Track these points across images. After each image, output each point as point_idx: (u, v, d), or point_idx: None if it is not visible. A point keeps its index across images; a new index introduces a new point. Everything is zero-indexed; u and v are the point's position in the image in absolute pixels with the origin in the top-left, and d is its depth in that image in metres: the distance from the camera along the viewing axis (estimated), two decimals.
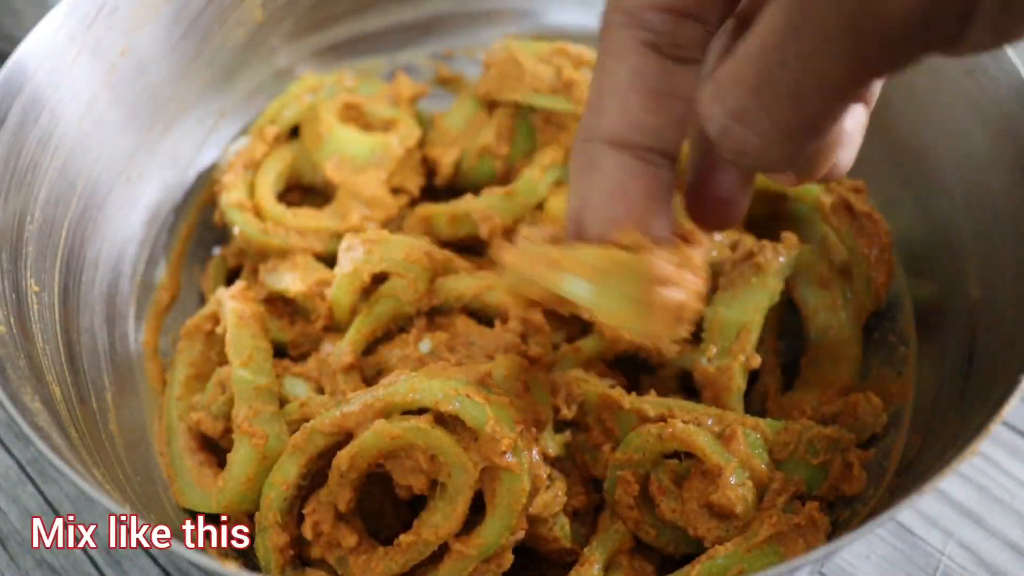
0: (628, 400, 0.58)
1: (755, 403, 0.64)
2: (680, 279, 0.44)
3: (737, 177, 0.51)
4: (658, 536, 0.57)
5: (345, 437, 0.55)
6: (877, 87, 0.49)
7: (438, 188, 0.76)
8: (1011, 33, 0.37)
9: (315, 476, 0.57)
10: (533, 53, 0.72)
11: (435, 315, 0.64)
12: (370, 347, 0.64)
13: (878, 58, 0.38)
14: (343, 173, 0.71)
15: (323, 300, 0.64)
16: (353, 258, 0.63)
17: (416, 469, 0.55)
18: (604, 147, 0.45)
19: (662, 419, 0.57)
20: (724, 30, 0.48)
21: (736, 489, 0.54)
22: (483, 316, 0.65)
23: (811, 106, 0.39)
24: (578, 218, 0.47)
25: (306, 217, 0.71)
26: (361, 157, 0.72)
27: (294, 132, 0.76)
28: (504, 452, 0.52)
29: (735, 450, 0.55)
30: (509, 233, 0.67)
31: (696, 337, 0.62)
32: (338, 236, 0.69)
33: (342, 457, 0.54)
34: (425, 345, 0.62)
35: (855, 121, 0.49)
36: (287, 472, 0.55)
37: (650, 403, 0.58)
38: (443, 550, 0.55)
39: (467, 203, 0.69)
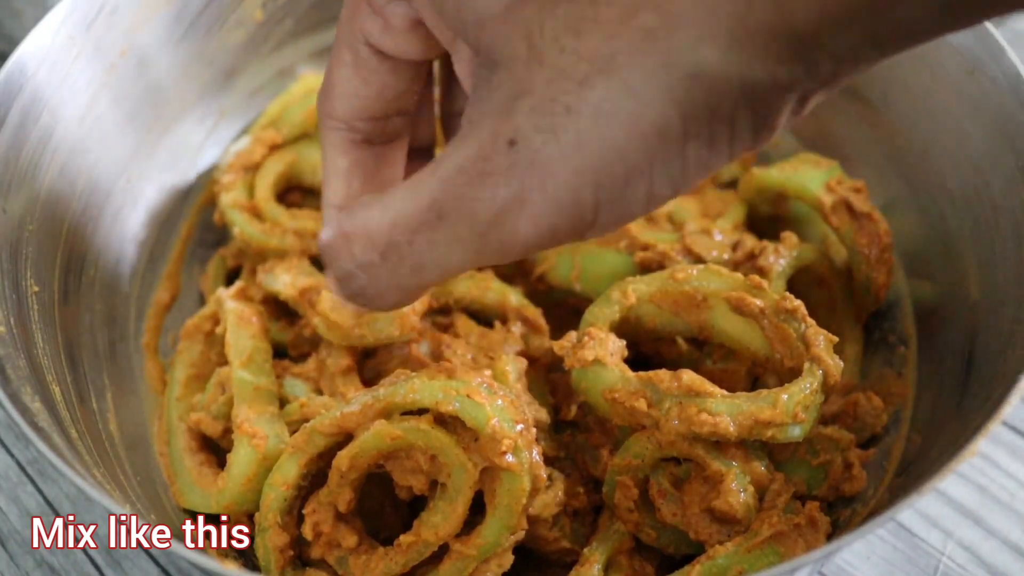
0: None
1: None
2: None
3: None
4: (658, 537, 0.57)
5: (345, 438, 0.55)
6: None
7: None
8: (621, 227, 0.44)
9: (315, 476, 0.57)
10: None
11: (435, 316, 0.64)
12: (369, 349, 0.64)
13: (496, 260, 0.44)
14: None
15: (313, 307, 0.64)
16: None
17: (416, 469, 0.55)
18: (334, 212, 0.53)
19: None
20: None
21: (738, 495, 0.54)
22: (483, 316, 0.65)
23: (428, 276, 0.45)
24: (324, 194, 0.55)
25: (305, 219, 0.71)
26: None
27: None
28: (504, 452, 0.52)
29: (734, 453, 0.55)
30: None
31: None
32: None
33: (342, 457, 0.54)
34: (425, 345, 0.62)
35: None
36: (287, 473, 0.55)
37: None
38: (443, 550, 0.55)
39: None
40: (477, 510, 0.54)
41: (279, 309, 0.69)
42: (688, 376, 0.55)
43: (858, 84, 0.71)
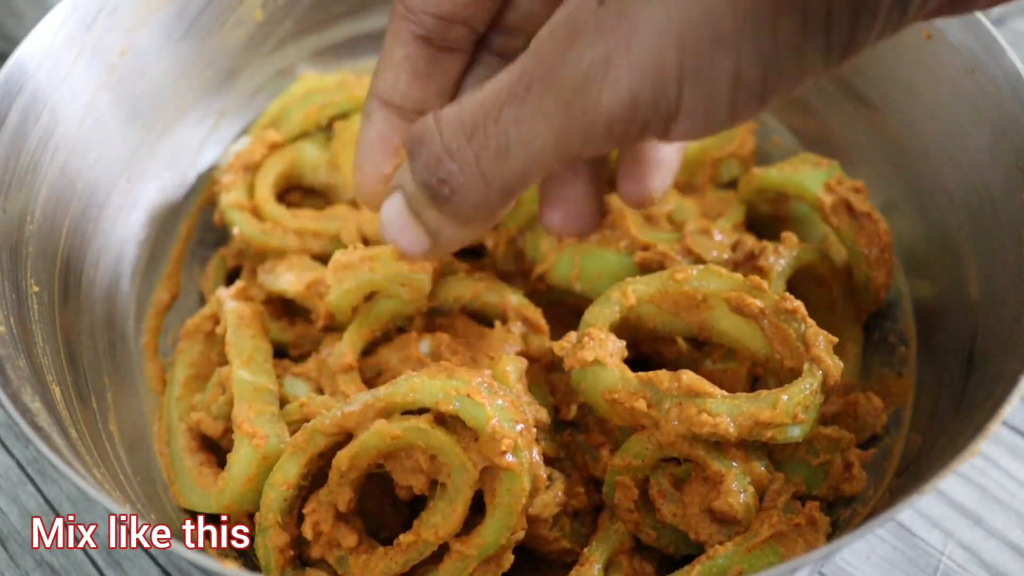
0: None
1: None
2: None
3: (587, 187, 0.59)
4: (659, 538, 0.57)
5: (345, 437, 0.55)
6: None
7: None
8: (709, 129, 0.42)
9: (315, 476, 0.57)
10: None
11: (435, 315, 0.64)
12: (370, 348, 0.64)
13: (581, 142, 0.43)
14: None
15: (321, 299, 0.64)
16: (353, 276, 0.62)
17: (416, 469, 0.55)
18: (376, 103, 0.56)
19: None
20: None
21: (738, 495, 0.54)
22: (483, 316, 0.65)
23: (513, 164, 0.44)
24: (356, 156, 0.58)
25: (306, 218, 0.71)
26: None
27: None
28: (504, 452, 0.52)
29: (734, 454, 0.55)
30: (512, 241, 0.67)
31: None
32: (337, 238, 0.69)
33: (342, 457, 0.54)
34: (425, 345, 0.62)
35: (673, 148, 0.57)
36: (287, 472, 0.55)
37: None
38: (443, 550, 0.55)
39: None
40: (477, 510, 0.54)
41: (280, 308, 0.69)
42: (688, 377, 0.55)
43: (858, 84, 0.71)
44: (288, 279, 0.66)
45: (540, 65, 0.42)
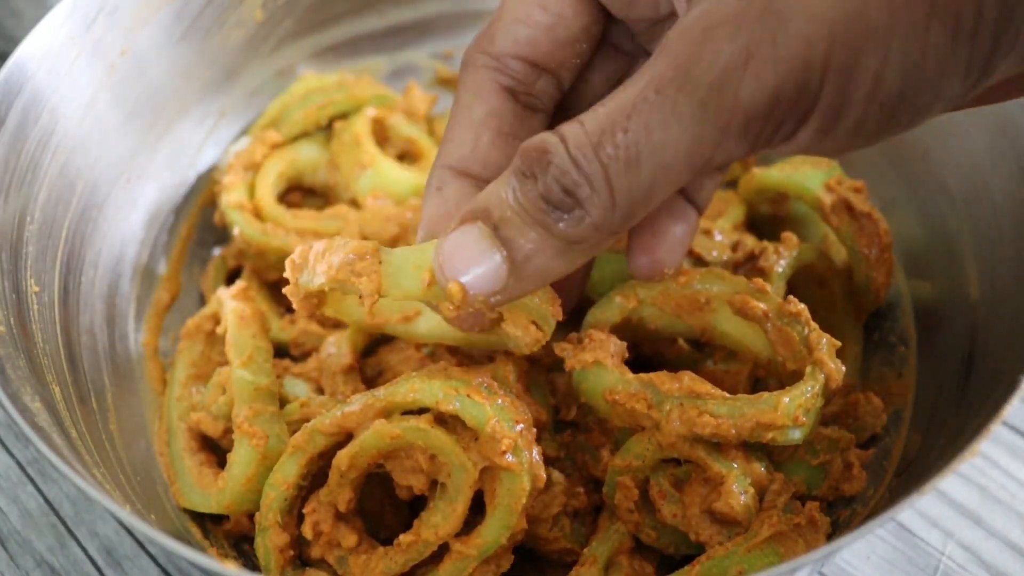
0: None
1: None
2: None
3: (683, 227, 0.55)
4: (659, 538, 0.57)
5: (345, 437, 0.55)
6: (709, 191, 0.54)
7: None
8: (829, 140, 0.40)
9: (315, 476, 0.57)
10: None
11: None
12: (370, 348, 0.64)
13: (713, 146, 0.40)
14: (377, 203, 0.71)
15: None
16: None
17: (416, 469, 0.55)
18: (450, 174, 0.50)
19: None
20: None
21: (738, 497, 0.54)
22: None
23: (643, 176, 0.41)
24: (423, 236, 0.51)
25: (306, 219, 0.71)
26: (402, 193, 0.72)
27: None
28: (504, 452, 0.52)
29: (734, 455, 0.55)
30: None
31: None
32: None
33: (342, 457, 0.54)
34: (427, 348, 0.62)
35: (685, 224, 0.54)
36: (287, 472, 0.55)
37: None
38: (443, 550, 0.55)
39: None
40: (477, 510, 0.54)
41: (283, 306, 0.69)
42: (689, 378, 0.55)
43: None
44: (321, 269, 0.65)
45: (672, 65, 0.40)
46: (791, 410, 0.53)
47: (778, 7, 0.37)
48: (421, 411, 0.54)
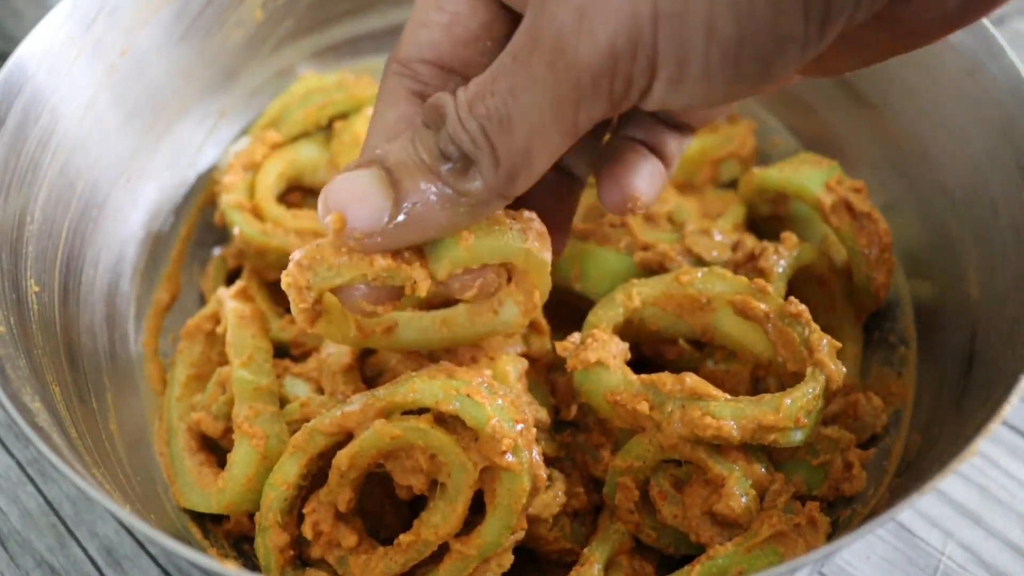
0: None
1: None
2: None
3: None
4: (659, 538, 0.57)
5: (346, 437, 0.55)
6: (674, 148, 0.56)
7: None
8: (685, 91, 0.41)
9: (315, 476, 0.57)
10: None
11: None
12: (370, 348, 0.64)
13: (574, 107, 0.42)
14: None
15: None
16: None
17: (416, 469, 0.55)
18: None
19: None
20: None
21: (739, 499, 0.54)
22: None
23: (517, 138, 0.43)
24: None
25: (306, 219, 0.71)
26: None
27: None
28: (504, 452, 0.52)
29: (735, 456, 0.55)
30: None
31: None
32: None
33: (342, 457, 0.54)
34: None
35: (651, 164, 0.55)
36: (287, 472, 0.55)
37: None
38: (443, 550, 0.55)
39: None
40: (477, 510, 0.54)
41: (282, 305, 0.69)
42: (691, 379, 0.55)
43: (858, 84, 0.71)
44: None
45: (524, 30, 0.42)
46: (793, 412, 0.53)
47: None
48: (421, 411, 0.54)
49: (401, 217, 0.46)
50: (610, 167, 0.55)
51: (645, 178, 0.54)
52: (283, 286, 0.51)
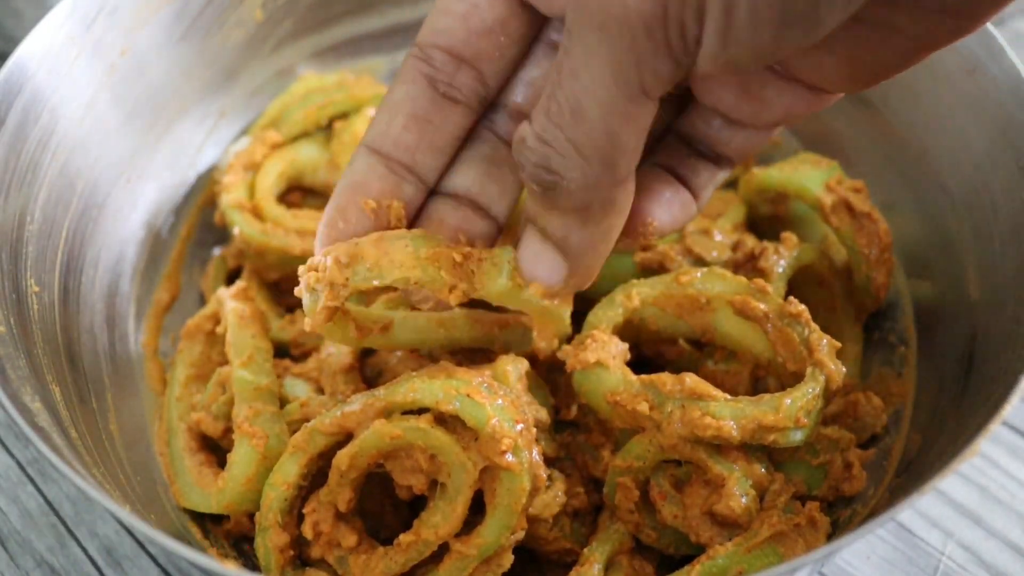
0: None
1: None
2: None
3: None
4: (659, 538, 0.57)
5: (345, 437, 0.55)
6: (706, 179, 0.54)
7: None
8: (734, 44, 0.40)
9: (315, 476, 0.57)
10: None
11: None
12: (370, 348, 0.64)
13: (636, 67, 0.41)
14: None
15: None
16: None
17: (416, 469, 0.55)
18: (365, 151, 0.53)
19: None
20: None
21: (740, 499, 0.54)
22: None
23: (592, 122, 0.43)
24: (328, 206, 0.54)
25: (306, 219, 0.71)
26: None
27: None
28: (504, 452, 0.52)
29: (735, 456, 0.55)
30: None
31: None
32: None
33: (342, 457, 0.54)
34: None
35: (674, 193, 0.53)
36: (287, 472, 0.55)
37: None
38: (443, 550, 0.55)
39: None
40: (477, 510, 0.54)
41: (282, 305, 0.69)
42: (691, 379, 0.55)
43: None
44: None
45: (570, 9, 0.41)
46: (793, 412, 0.53)
47: None
48: (421, 411, 0.54)
49: (569, 256, 0.49)
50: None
51: (663, 205, 0.53)
52: (309, 282, 0.51)
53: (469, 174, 0.54)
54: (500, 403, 0.53)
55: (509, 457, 0.52)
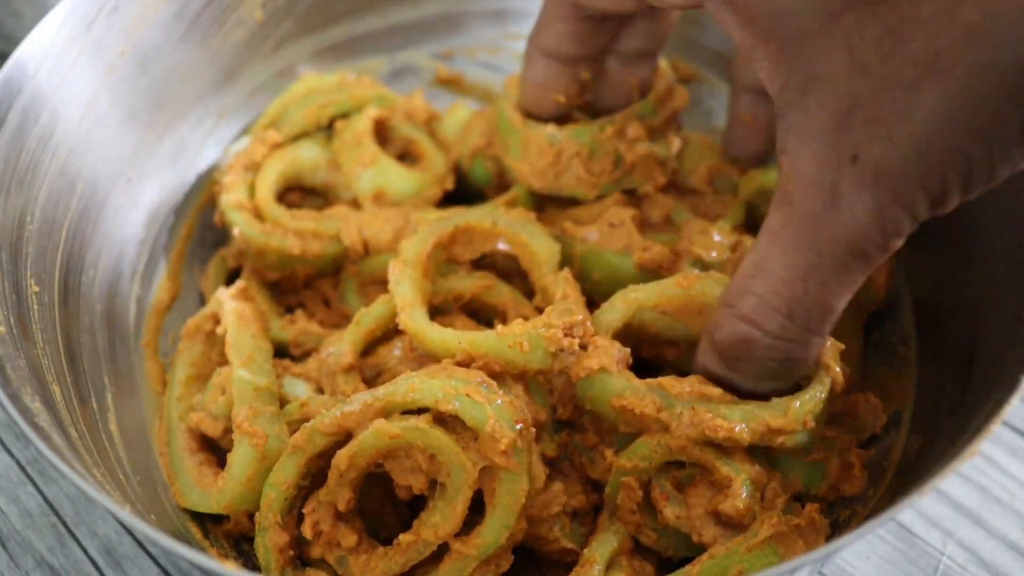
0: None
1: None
2: None
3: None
4: (659, 539, 0.57)
5: (345, 437, 0.55)
6: None
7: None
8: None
9: (315, 476, 0.57)
10: None
11: (434, 316, 0.64)
12: (368, 348, 0.64)
13: (882, 256, 0.47)
14: (378, 203, 0.71)
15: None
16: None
17: (415, 469, 0.55)
18: (539, 52, 0.64)
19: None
20: None
21: (746, 499, 0.54)
22: (483, 316, 0.65)
23: (838, 309, 0.49)
24: (522, 100, 0.68)
25: (306, 219, 0.71)
26: (403, 193, 0.72)
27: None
28: (504, 452, 0.52)
29: (741, 457, 0.55)
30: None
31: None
32: (337, 239, 0.69)
33: (341, 457, 0.54)
34: None
35: None
36: (287, 472, 0.55)
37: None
38: (443, 550, 0.55)
39: (464, 214, 0.68)
40: (476, 510, 0.54)
41: (282, 305, 0.69)
42: (697, 380, 0.55)
43: None
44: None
45: (816, 232, 0.45)
46: (801, 415, 0.53)
47: (886, 169, 0.42)
48: (421, 411, 0.54)
49: None
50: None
51: None
52: None
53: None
54: (500, 403, 0.53)
55: (509, 457, 0.52)
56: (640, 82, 0.67)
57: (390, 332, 0.64)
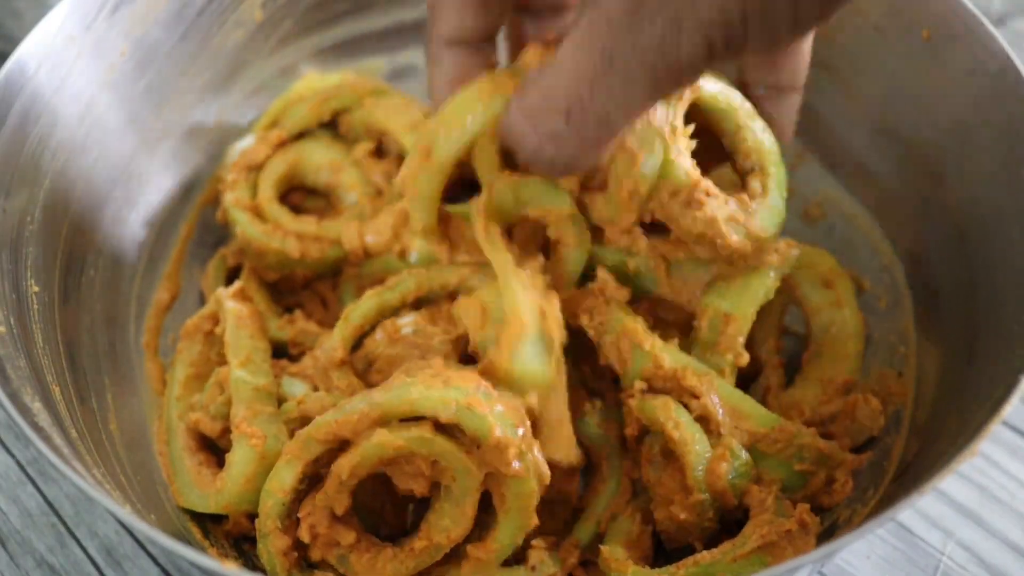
0: (649, 342, 0.59)
1: (756, 399, 0.64)
2: None
3: None
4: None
5: (340, 443, 0.55)
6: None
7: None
8: (778, 45, 0.45)
9: (312, 479, 0.57)
10: None
11: (421, 305, 0.64)
12: (357, 341, 0.64)
13: (672, 86, 0.46)
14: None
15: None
16: None
17: (417, 474, 0.54)
18: (442, 45, 0.58)
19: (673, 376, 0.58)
20: None
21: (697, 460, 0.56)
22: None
23: (615, 124, 0.48)
24: (433, 105, 0.60)
25: (307, 222, 0.71)
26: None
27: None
28: (511, 461, 0.52)
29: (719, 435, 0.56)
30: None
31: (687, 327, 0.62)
32: (338, 243, 0.69)
33: (343, 466, 0.54)
34: (408, 328, 0.61)
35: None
36: (284, 479, 0.55)
37: (670, 353, 0.59)
38: (455, 552, 0.55)
39: (462, 208, 0.67)
40: (482, 508, 0.54)
41: (281, 305, 0.69)
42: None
43: (859, 82, 0.71)
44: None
45: (617, 40, 0.44)
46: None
47: None
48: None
49: None
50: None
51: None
52: None
53: None
54: (500, 409, 0.52)
55: (516, 465, 0.52)
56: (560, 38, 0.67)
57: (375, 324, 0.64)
